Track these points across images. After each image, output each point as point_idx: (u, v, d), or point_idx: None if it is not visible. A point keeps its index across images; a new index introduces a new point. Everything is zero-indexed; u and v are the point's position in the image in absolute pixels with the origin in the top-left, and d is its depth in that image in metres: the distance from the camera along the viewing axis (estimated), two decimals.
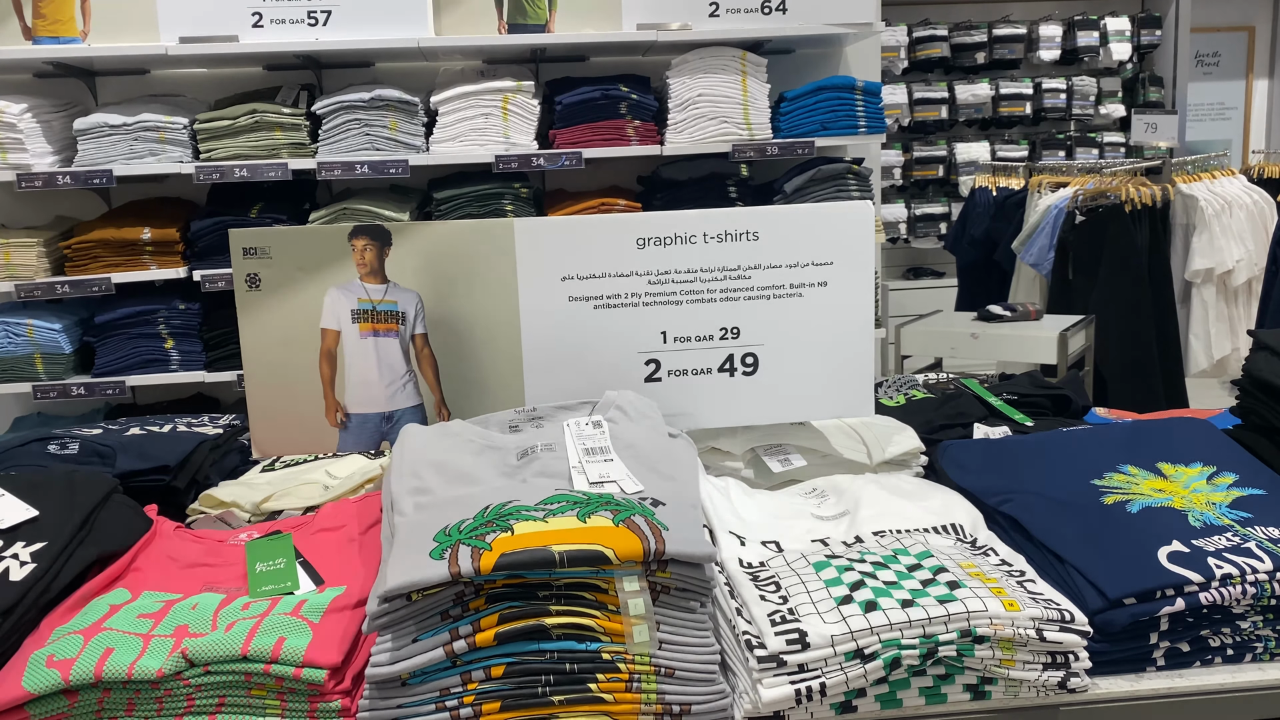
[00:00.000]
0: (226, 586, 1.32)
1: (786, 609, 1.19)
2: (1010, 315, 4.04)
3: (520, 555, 1.13)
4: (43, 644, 1.16)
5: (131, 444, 1.67)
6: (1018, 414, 1.83)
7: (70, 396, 3.49)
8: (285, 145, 3.45)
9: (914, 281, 6.99)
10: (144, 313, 3.49)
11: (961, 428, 1.78)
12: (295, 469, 1.75)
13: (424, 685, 1.13)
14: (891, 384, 2.05)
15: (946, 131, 7.02)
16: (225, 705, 1.14)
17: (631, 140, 3.57)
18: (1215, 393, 5.19)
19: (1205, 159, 4.70)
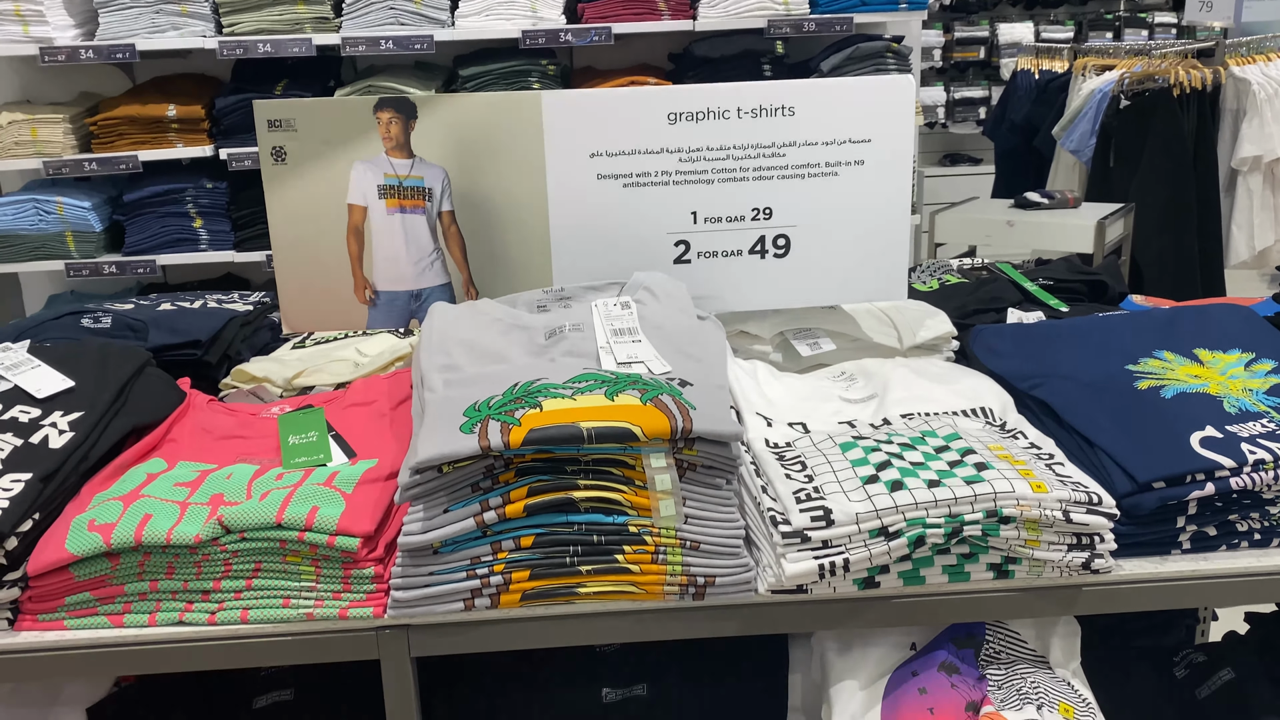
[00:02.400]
0: (260, 458, 1.34)
1: (812, 487, 1.20)
2: (1048, 203, 3.95)
3: (549, 431, 1.13)
4: (84, 509, 1.19)
5: (163, 319, 1.68)
6: (1053, 299, 1.80)
7: (102, 275, 3.52)
8: (309, 19, 3.38)
9: (950, 168, 6.83)
10: (172, 191, 3.48)
11: (995, 313, 1.76)
12: (326, 346, 1.76)
13: (455, 554, 1.15)
14: (925, 269, 2.01)
15: (990, 10, 6.76)
16: (261, 570, 1.17)
17: (663, 14, 3.46)
18: (1255, 284, 5.10)
19: (1261, 40, 4.49)
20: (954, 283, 1.91)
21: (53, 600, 1.16)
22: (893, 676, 1.26)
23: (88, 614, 1.16)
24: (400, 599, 1.15)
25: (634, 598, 1.18)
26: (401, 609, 1.16)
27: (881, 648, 1.30)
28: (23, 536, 1.14)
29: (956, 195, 4.62)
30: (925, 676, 1.23)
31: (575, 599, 1.17)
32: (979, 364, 1.53)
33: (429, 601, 1.16)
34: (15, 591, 1.14)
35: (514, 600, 1.17)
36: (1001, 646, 1.30)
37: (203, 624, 1.16)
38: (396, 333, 1.74)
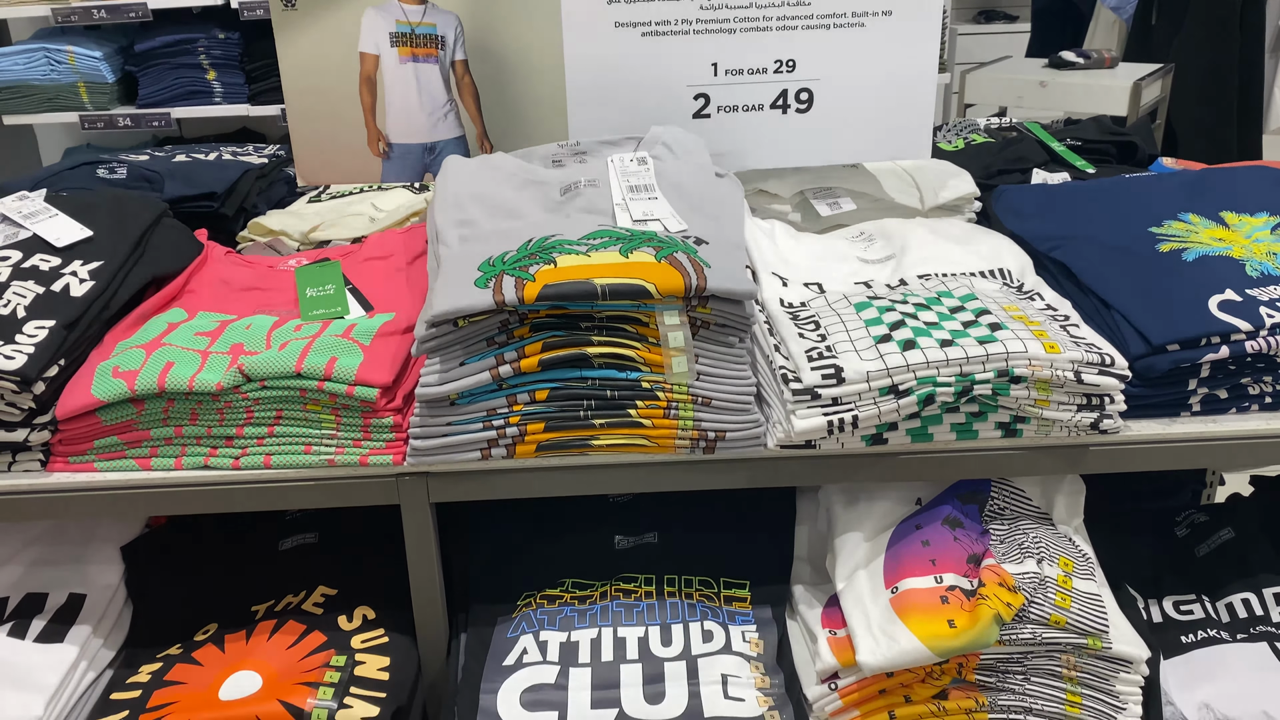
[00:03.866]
0: (278, 310, 1.36)
1: (824, 346, 1.21)
2: (1083, 63, 3.81)
3: (563, 287, 1.14)
4: (107, 356, 1.22)
5: (178, 170, 1.67)
6: (1079, 160, 1.76)
7: (117, 128, 3.48)
8: None
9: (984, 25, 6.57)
10: (183, 41, 3.41)
11: (1020, 173, 1.72)
12: (341, 200, 1.75)
13: (472, 405, 1.17)
14: (951, 128, 1.97)
15: None
16: (283, 418, 1.20)
17: None
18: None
19: None
20: (980, 142, 1.87)
21: (82, 443, 1.19)
22: (897, 529, 1.29)
23: (116, 457, 1.20)
24: (419, 448, 1.18)
25: (646, 450, 1.20)
26: (420, 457, 1.19)
27: (887, 502, 1.34)
28: (49, 382, 1.17)
29: (990, 54, 4.46)
30: (929, 530, 1.26)
31: (589, 451, 1.20)
32: (1000, 225, 1.51)
33: (446, 450, 1.18)
34: (45, 434, 1.18)
35: (529, 451, 1.19)
36: (1006, 503, 1.33)
37: (227, 468, 1.20)
38: (411, 187, 1.73)
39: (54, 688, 1.21)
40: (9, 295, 1.23)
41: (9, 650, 1.25)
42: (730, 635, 1.27)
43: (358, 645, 1.28)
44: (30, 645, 1.26)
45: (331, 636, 1.29)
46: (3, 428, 1.16)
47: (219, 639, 1.31)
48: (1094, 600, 1.21)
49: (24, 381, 1.14)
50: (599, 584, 1.36)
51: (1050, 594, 1.19)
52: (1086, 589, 1.23)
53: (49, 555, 1.39)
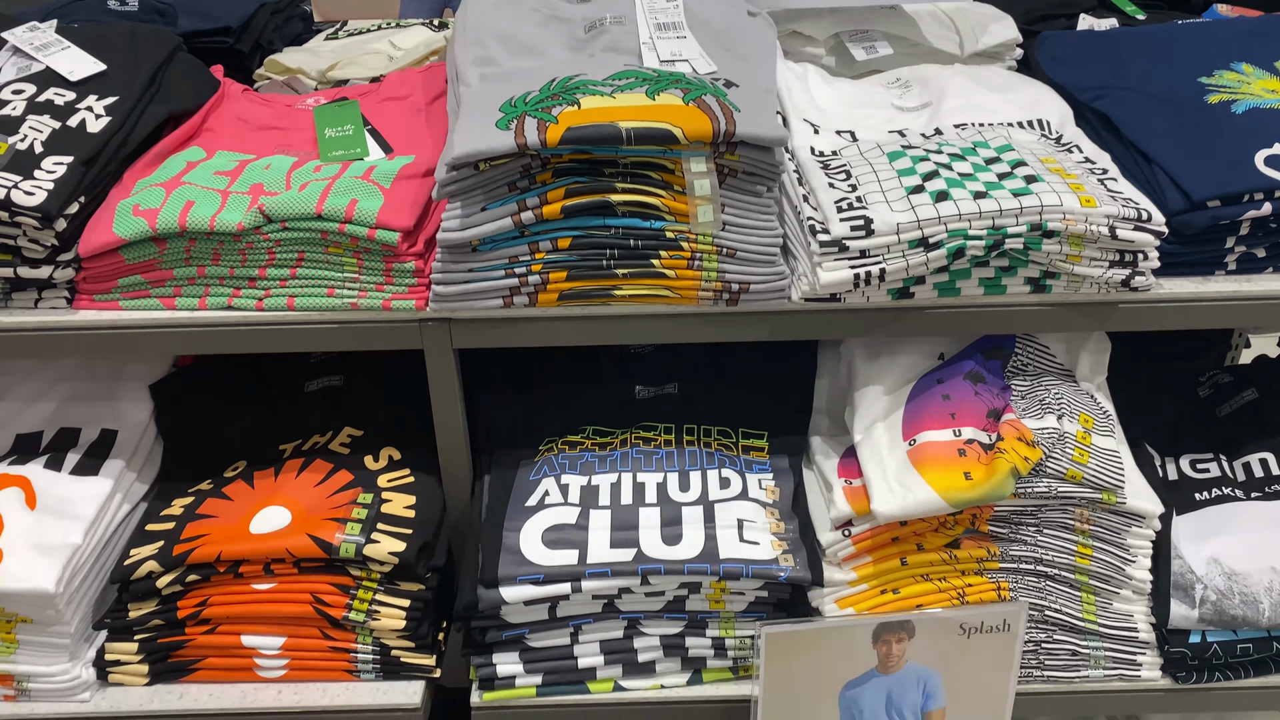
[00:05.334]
0: (297, 150, 1.33)
1: (854, 196, 1.18)
2: None
3: (586, 130, 1.10)
4: (128, 194, 1.20)
5: (191, 3, 1.61)
6: (1129, 5, 1.67)
7: None
8: None
9: None
10: None
11: (1065, 19, 1.64)
12: (359, 38, 1.70)
13: (494, 252, 1.16)
14: None
15: None
16: (305, 260, 1.19)
17: None
18: None
19: None
20: None
21: (106, 282, 1.19)
22: (918, 383, 1.29)
23: (140, 296, 1.20)
24: (441, 293, 1.18)
25: (669, 301, 1.19)
26: (442, 303, 1.18)
27: (909, 356, 1.33)
28: (71, 219, 1.16)
29: None
30: (951, 384, 1.26)
31: (611, 301, 1.19)
32: (1042, 73, 1.45)
33: (469, 297, 1.18)
34: (70, 272, 1.18)
35: (551, 299, 1.19)
36: (1029, 359, 1.32)
37: (251, 309, 1.20)
38: (430, 24, 1.67)
39: (91, 518, 1.26)
40: (25, 130, 1.21)
41: (47, 481, 1.29)
42: (747, 483, 1.29)
43: (384, 484, 1.31)
44: (67, 477, 1.30)
45: (358, 475, 1.32)
46: (27, 264, 1.16)
47: (248, 476, 1.35)
48: (1111, 456, 1.22)
49: (45, 218, 1.13)
50: (619, 432, 1.38)
51: (1068, 449, 1.20)
52: (1105, 445, 1.23)
53: (80, 392, 1.42)
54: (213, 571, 1.22)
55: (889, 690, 1.17)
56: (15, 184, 1.13)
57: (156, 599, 1.23)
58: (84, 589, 1.24)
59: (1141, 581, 1.24)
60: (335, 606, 1.22)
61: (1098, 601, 1.25)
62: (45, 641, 1.22)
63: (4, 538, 1.20)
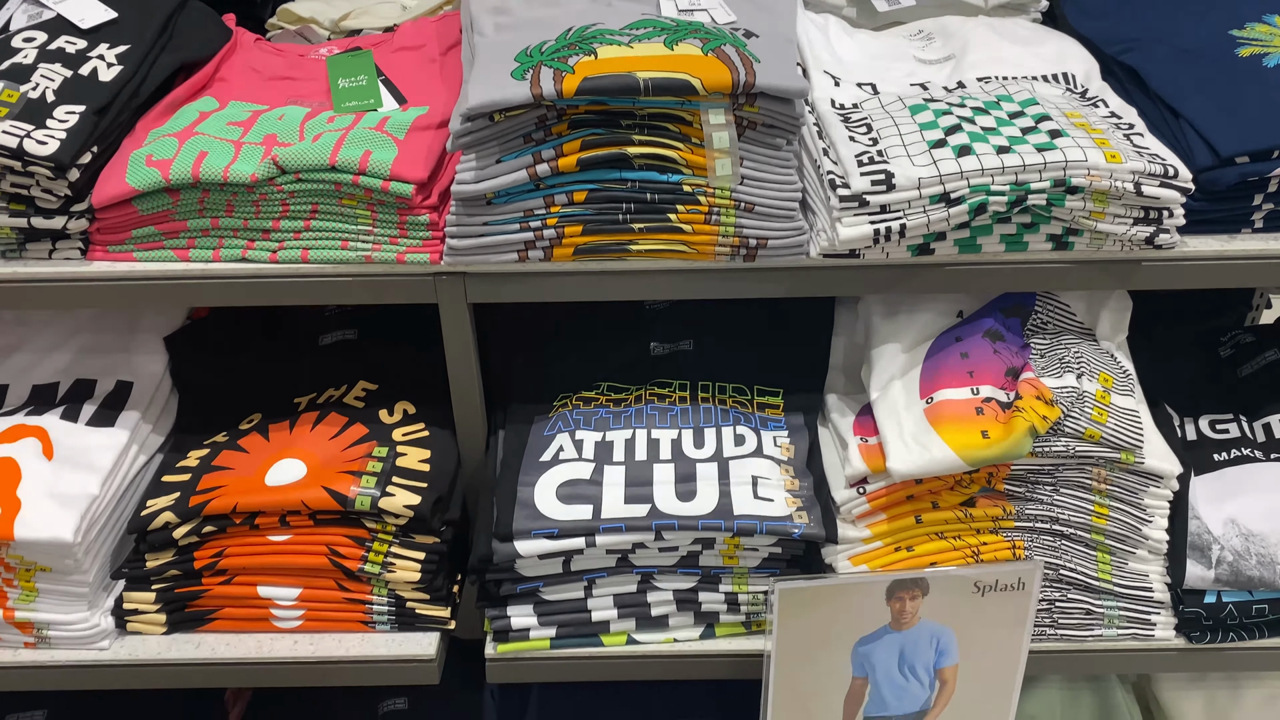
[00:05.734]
0: (310, 100, 1.32)
1: (875, 150, 1.16)
2: None
3: (603, 80, 1.09)
4: (140, 144, 1.19)
5: None
6: None
7: None
8: None
9: None
10: None
11: None
12: None
13: (509, 205, 1.15)
14: None
15: None
16: (319, 212, 1.18)
17: None
18: None
19: None
20: None
21: (120, 233, 1.19)
22: (936, 341, 1.28)
23: (154, 247, 1.19)
24: (455, 246, 1.17)
25: (685, 257, 1.18)
26: (457, 256, 1.17)
27: (928, 314, 1.32)
28: (84, 169, 1.16)
29: None
30: (969, 342, 1.25)
31: (627, 256, 1.18)
32: (1068, 26, 1.42)
33: (484, 251, 1.17)
34: (83, 223, 1.17)
35: (567, 254, 1.18)
36: (1049, 317, 1.31)
37: (265, 261, 1.19)
38: None
39: (108, 468, 1.26)
40: (37, 78, 1.20)
41: (64, 432, 1.29)
42: (762, 440, 1.29)
43: (399, 438, 1.31)
44: (84, 428, 1.31)
45: (373, 429, 1.32)
46: (41, 214, 1.16)
47: (263, 428, 1.35)
48: (1130, 416, 1.21)
49: (58, 168, 1.12)
50: (634, 388, 1.38)
51: (1087, 408, 1.19)
52: (1124, 405, 1.22)
53: (95, 343, 1.42)
54: (229, 523, 1.22)
55: (902, 646, 1.17)
56: (28, 133, 1.12)
57: (173, 549, 1.24)
58: (102, 539, 1.25)
59: (1158, 541, 1.24)
60: (351, 558, 1.23)
61: (1113, 561, 1.25)
62: (64, 590, 1.23)
63: (22, 488, 1.21)
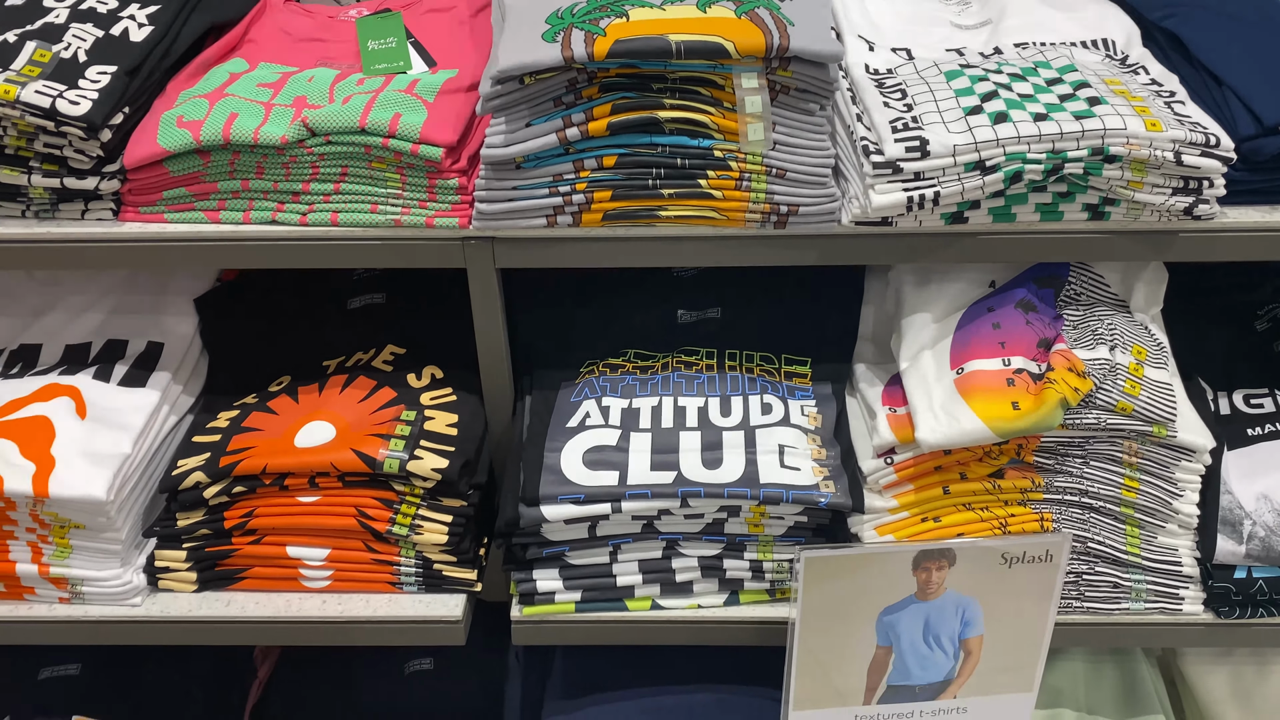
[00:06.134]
0: (340, 63, 1.32)
1: (910, 117, 1.14)
2: None
3: (635, 43, 1.07)
4: (171, 105, 1.20)
5: None
6: None
7: None
8: None
9: None
10: None
11: None
12: None
13: (538, 170, 1.14)
14: None
15: None
16: (349, 175, 1.18)
17: None
18: None
19: None
20: None
21: (152, 194, 1.19)
22: (968, 311, 1.27)
23: (185, 209, 1.20)
24: (484, 211, 1.16)
25: (715, 223, 1.17)
26: (486, 221, 1.17)
27: (959, 283, 1.31)
28: (115, 129, 1.16)
29: None
30: (1001, 312, 1.24)
31: (656, 222, 1.17)
32: None
33: (512, 215, 1.16)
34: (115, 184, 1.18)
35: (595, 220, 1.17)
36: (1083, 288, 1.29)
37: (295, 224, 1.19)
38: None
39: (140, 428, 1.27)
40: (68, 38, 1.20)
41: (96, 392, 1.30)
42: (789, 409, 1.28)
43: (426, 402, 1.32)
44: (115, 388, 1.32)
45: (401, 393, 1.33)
46: (73, 175, 1.16)
47: (293, 390, 1.36)
48: (1164, 389, 1.20)
49: (91, 128, 1.12)
50: (660, 356, 1.37)
51: (1120, 381, 1.17)
52: (1157, 377, 1.21)
53: (126, 304, 1.43)
54: (258, 483, 1.23)
55: (927, 616, 1.17)
56: (60, 93, 1.13)
57: (204, 509, 1.25)
58: (134, 497, 1.26)
59: (1188, 516, 1.23)
60: (379, 520, 1.24)
61: (1142, 535, 1.24)
62: (98, 547, 1.25)
63: (56, 446, 1.22)
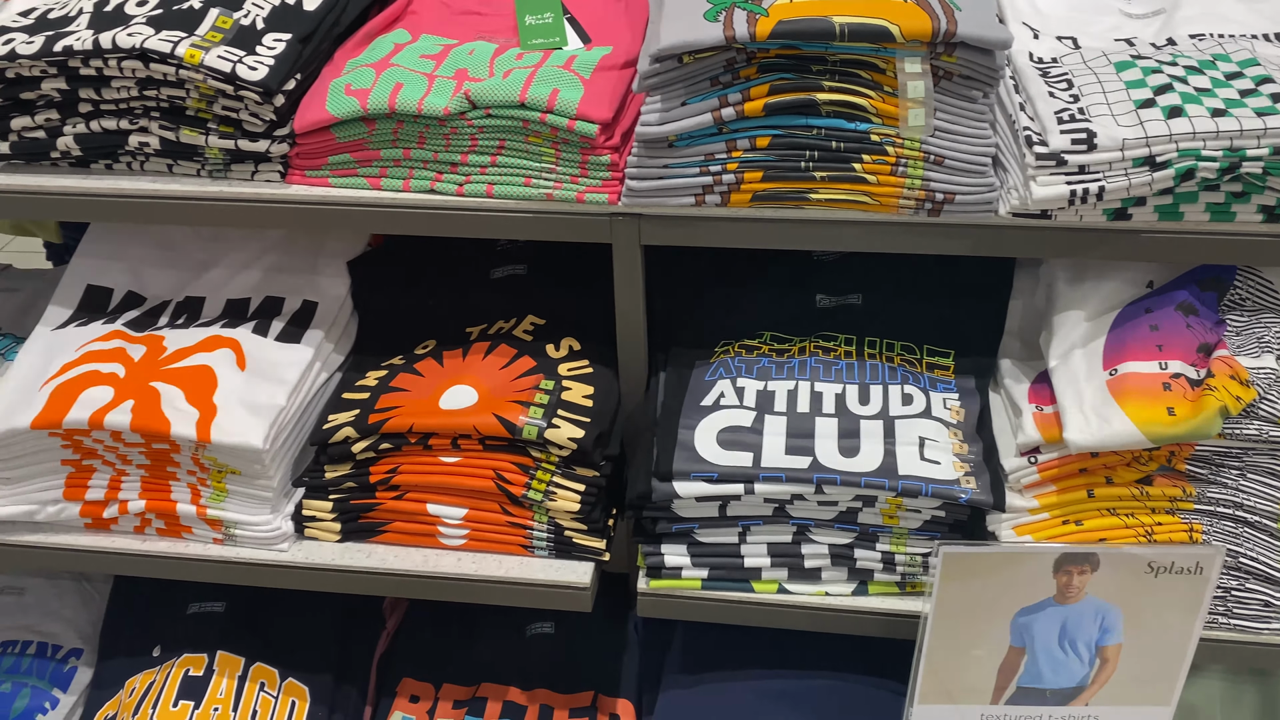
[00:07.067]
0: (497, 36, 1.34)
1: (1076, 108, 1.11)
2: None
3: (798, 24, 1.07)
4: (339, 74, 1.24)
5: None
6: None
7: None
8: None
9: None
10: None
11: None
12: None
13: (690, 148, 1.15)
14: None
15: None
16: (505, 149, 1.20)
17: None
18: None
19: None
20: None
21: (317, 159, 1.24)
22: (1123, 311, 1.23)
23: (348, 174, 1.24)
24: (634, 188, 1.18)
25: (866, 208, 1.16)
26: (635, 198, 1.18)
27: (1115, 282, 1.26)
28: (287, 95, 1.21)
29: None
30: (1160, 314, 1.19)
31: (805, 204, 1.17)
32: None
33: (662, 193, 1.17)
34: (284, 147, 1.23)
35: (744, 200, 1.17)
36: (1249, 293, 1.24)
37: (452, 194, 1.22)
38: None
39: (294, 382, 1.33)
40: (248, 5, 1.25)
41: (255, 345, 1.37)
42: (931, 401, 1.27)
43: (564, 372, 1.34)
44: (273, 343, 1.38)
45: (540, 362, 1.36)
46: (247, 137, 1.22)
47: (438, 354, 1.40)
48: None
49: (266, 93, 1.17)
50: (798, 339, 1.37)
51: None
52: None
53: (283, 264, 1.49)
54: (404, 441, 1.28)
55: (1065, 620, 1.15)
56: (240, 58, 1.18)
57: (351, 463, 1.30)
58: (286, 448, 1.32)
59: None
60: (515, 484, 1.27)
61: None
62: (251, 493, 1.31)
63: (218, 394, 1.29)
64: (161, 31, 1.18)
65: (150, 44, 1.16)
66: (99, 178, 1.27)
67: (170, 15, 1.22)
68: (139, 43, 1.16)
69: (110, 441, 1.29)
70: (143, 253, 1.51)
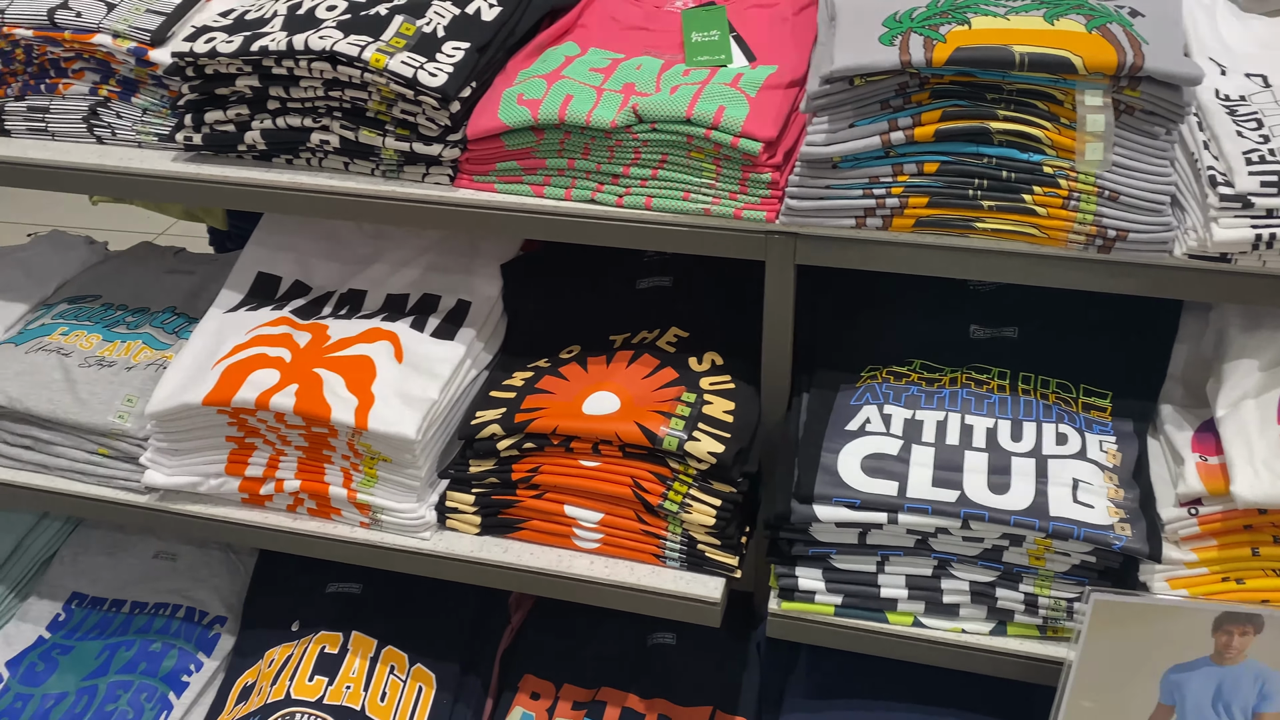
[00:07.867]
0: (664, 52, 1.36)
1: (1267, 149, 1.06)
2: None
3: (977, 51, 1.05)
4: (511, 83, 1.28)
5: None
6: None
7: None
8: None
9: None
10: None
11: None
12: None
13: (854, 171, 1.14)
14: None
15: None
16: (667, 163, 1.22)
17: None
18: None
19: None
20: None
21: (485, 164, 1.28)
22: None
23: (514, 181, 1.28)
24: (794, 207, 1.18)
25: (1033, 240, 1.13)
26: (793, 217, 1.18)
27: None
28: (462, 102, 1.25)
29: None
30: None
31: (970, 233, 1.15)
32: None
33: (822, 214, 1.17)
34: (455, 152, 1.27)
35: (906, 225, 1.16)
36: None
37: (611, 205, 1.25)
38: None
39: (447, 377, 1.38)
40: (430, 14, 1.30)
41: (412, 340, 1.42)
42: (1086, 442, 1.23)
43: (706, 386, 1.35)
44: (428, 338, 1.43)
45: (683, 375, 1.37)
46: (421, 140, 1.26)
47: (582, 360, 1.43)
48: None
49: (444, 99, 1.22)
50: (949, 370, 1.35)
51: None
52: None
53: (441, 263, 1.55)
54: (547, 442, 1.31)
55: (1220, 682, 1.09)
56: (421, 65, 1.22)
57: (495, 459, 1.34)
58: (435, 440, 1.36)
59: None
60: (652, 494, 1.28)
61: None
62: (399, 481, 1.36)
63: (376, 384, 1.34)
64: (350, 36, 1.24)
65: (340, 47, 1.22)
66: (280, 171, 1.34)
67: (358, 20, 1.27)
68: (329, 45, 1.22)
69: (273, 422, 1.35)
70: (310, 245, 1.58)
